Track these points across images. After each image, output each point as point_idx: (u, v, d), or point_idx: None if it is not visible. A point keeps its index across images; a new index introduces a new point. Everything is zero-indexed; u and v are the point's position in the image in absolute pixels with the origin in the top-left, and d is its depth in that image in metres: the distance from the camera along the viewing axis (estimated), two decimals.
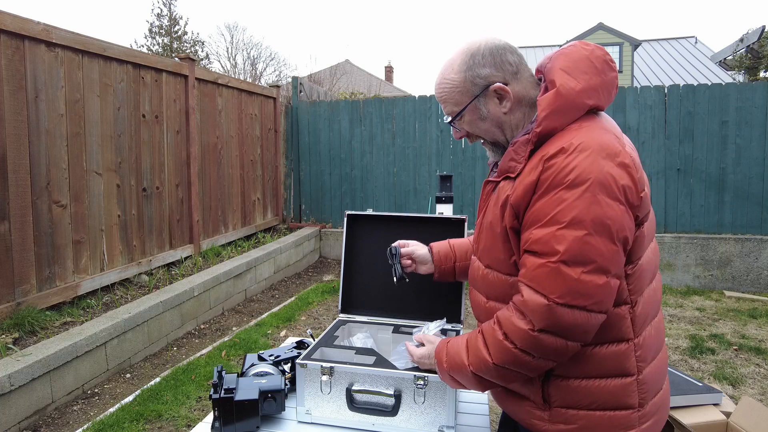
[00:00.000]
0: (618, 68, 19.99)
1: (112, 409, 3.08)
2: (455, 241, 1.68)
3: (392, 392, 1.45)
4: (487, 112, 1.23)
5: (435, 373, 1.37)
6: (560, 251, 1.05)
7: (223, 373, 1.54)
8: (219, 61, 28.48)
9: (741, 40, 11.12)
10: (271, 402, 1.53)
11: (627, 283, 1.14)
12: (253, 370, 1.67)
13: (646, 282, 1.20)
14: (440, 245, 1.67)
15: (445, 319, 1.56)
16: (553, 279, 1.05)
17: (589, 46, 1.20)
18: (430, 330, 1.49)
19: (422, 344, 1.44)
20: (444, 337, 1.39)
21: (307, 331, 2.55)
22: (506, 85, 1.21)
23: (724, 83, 6.17)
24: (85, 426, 2.90)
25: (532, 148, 1.15)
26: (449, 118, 1.29)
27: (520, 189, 1.14)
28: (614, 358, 1.16)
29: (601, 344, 1.16)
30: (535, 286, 1.08)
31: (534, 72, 1.28)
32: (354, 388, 1.48)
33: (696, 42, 24.00)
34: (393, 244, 1.67)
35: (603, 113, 1.23)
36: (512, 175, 1.19)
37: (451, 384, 1.30)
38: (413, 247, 1.68)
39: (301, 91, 7.69)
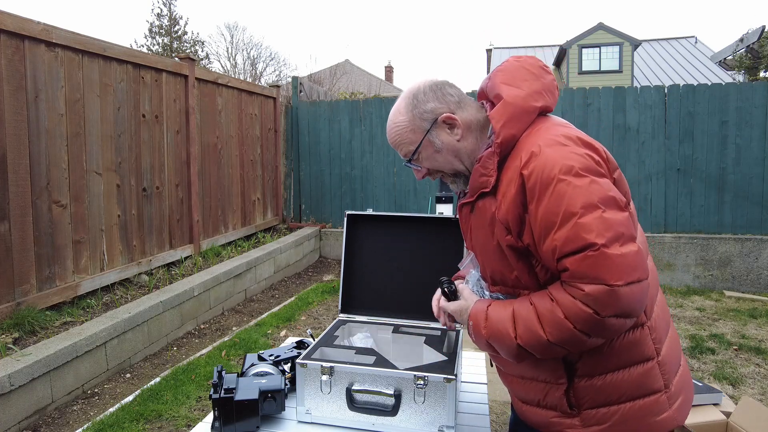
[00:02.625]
0: (618, 68, 20.00)
1: (112, 409, 3.08)
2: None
3: (392, 392, 1.45)
4: (441, 143, 1.28)
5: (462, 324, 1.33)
6: (593, 238, 1.04)
7: (223, 373, 1.54)
8: (219, 61, 28.50)
9: (741, 40, 11.11)
10: (271, 402, 1.53)
11: None
12: (253, 370, 1.67)
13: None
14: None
15: (479, 272, 1.38)
16: (602, 265, 1.03)
17: (521, 58, 1.29)
18: (470, 281, 1.38)
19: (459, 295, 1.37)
20: (477, 296, 1.32)
21: (307, 331, 2.55)
22: (453, 114, 1.27)
23: (724, 83, 6.17)
24: (85, 426, 2.90)
25: (499, 159, 1.19)
26: (406, 160, 1.33)
27: (505, 203, 1.16)
28: (633, 345, 1.17)
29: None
30: (589, 279, 1.05)
31: (477, 99, 1.35)
32: (354, 387, 1.48)
33: (696, 42, 23.98)
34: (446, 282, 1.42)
35: (552, 115, 1.28)
36: (487, 190, 1.21)
37: (483, 347, 1.26)
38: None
39: (301, 91, 7.69)
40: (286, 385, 1.60)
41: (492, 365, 1.43)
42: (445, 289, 1.37)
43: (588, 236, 1.04)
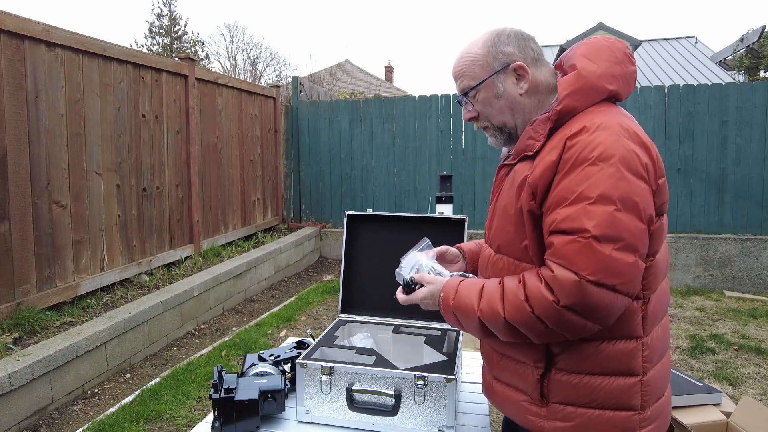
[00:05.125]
0: None
1: (112, 409, 3.08)
2: (481, 241, 1.64)
3: (392, 392, 1.45)
4: (503, 90, 1.24)
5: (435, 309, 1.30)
6: (590, 227, 1.02)
7: (223, 373, 1.54)
8: (219, 61, 28.49)
9: (741, 40, 11.12)
10: (271, 402, 1.53)
11: (642, 277, 1.11)
12: (253, 370, 1.67)
13: (659, 279, 1.19)
14: (468, 244, 1.63)
15: (432, 254, 1.41)
16: (584, 255, 1.02)
17: (609, 39, 1.24)
18: (423, 268, 1.36)
19: (419, 284, 1.34)
20: (444, 275, 1.33)
21: (307, 331, 2.55)
22: (527, 66, 1.22)
23: (724, 83, 6.17)
24: (85, 426, 2.90)
25: (552, 126, 1.16)
26: (461, 95, 1.29)
27: (540, 168, 1.13)
28: (621, 355, 1.14)
29: (610, 340, 1.14)
30: (565, 263, 1.04)
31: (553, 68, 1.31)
32: (354, 388, 1.48)
33: (696, 42, 23.97)
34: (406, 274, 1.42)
35: (621, 108, 1.24)
36: (530, 154, 1.19)
37: (452, 322, 1.26)
38: (444, 247, 1.56)
39: (301, 91, 7.69)
40: (286, 385, 1.60)
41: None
42: (409, 282, 1.34)
43: (586, 223, 1.03)
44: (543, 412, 1.19)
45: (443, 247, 1.57)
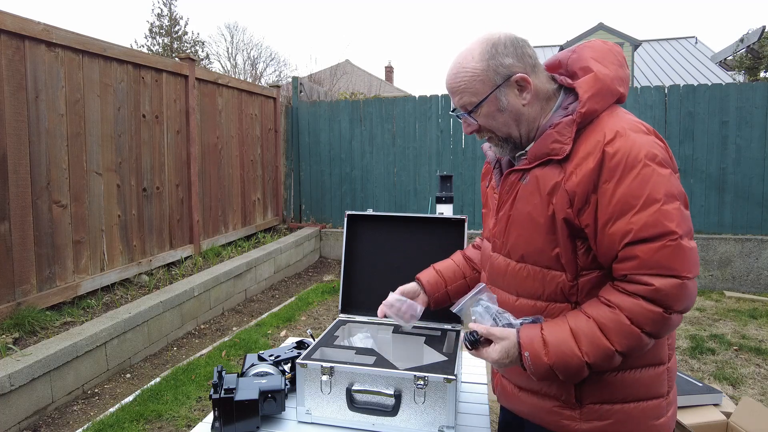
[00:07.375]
0: None
1: (112, 409, 3.08)
2: (438, 266, 1.62)
3: (392, 392, 1.45)
4: (507, 103, 1.20)
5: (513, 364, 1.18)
6: (674, 227, 1.04)
7: (223, 373, 1.54)
8: (219, 62, 28.49)
9: (741, 40, 11.12)
10: (271, 402, 1.53)
11: None
12: (253, 370, 1.67)
13: None
14: (426, 274, 1.59)
15: (486, 297, 1.25)
16: (678, 257, 1.04)
17: (608, 43, 1.25)
18: (484, 318, 1.22)
19: (484, 339, 1.20)
20: (514, 326, 1.19)
21: (307, 331, 2.55)
22: (528, 76, 1.20)
23: (724, 83, 6.17)
24: (85, 426, 2.90)
25: (577, 129, 1.15)
26: (463, 111, 1.24)
27: (578, 175, 1.12)
28: (652, 347, 1.17)
29: None
30: (662, 270, 1.04)
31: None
32: (354, 388, 1.47)
33: (696, 42, 23.97)
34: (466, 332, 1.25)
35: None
36: (558, 157, 1.15)
37: (542, 376, 1.15)
38: (400, 288, 1.57)
39: (301, 91, 7.69)
40: (286, 385, 1.60)
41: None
42: (474, 339, 1.20)
43: (670, 224, 1.04)
44: (577, 415, 1.20)
45: (400, 289, 1.56)
